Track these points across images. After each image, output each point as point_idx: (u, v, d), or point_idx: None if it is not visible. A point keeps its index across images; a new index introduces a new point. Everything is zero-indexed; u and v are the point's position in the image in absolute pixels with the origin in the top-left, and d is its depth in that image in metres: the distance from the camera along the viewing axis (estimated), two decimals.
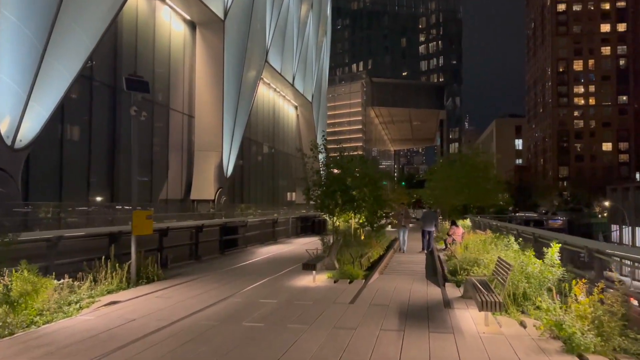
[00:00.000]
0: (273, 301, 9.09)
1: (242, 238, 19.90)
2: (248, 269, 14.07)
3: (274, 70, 37.63)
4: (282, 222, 26.27)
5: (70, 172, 17.70)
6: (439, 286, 11.05)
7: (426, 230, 20.27)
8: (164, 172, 24.93)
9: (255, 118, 36.82)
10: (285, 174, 45.24)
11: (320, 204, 17.34)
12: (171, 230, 14.36)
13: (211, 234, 17.38)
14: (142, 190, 23.00)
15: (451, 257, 16.66)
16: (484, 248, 12.42)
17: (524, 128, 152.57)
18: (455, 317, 7.93)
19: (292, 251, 19.48)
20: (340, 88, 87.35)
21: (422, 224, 20.37)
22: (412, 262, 17.07)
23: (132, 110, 10.89)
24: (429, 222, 20.23)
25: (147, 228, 10.96)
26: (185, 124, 27.00)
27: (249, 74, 31.47)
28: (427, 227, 20.21)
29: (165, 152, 25.06)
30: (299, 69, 44.76)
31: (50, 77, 14.87)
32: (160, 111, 24.52)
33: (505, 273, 7.83)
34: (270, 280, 11.69)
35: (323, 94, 55.96)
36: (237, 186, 33.26)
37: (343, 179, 17.24)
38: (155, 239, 13.66)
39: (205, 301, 9.06)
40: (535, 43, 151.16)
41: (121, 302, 8.89)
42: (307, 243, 23.23)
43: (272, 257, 17.39)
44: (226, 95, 27.90)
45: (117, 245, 11.51)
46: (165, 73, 25.06)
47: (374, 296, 9.69)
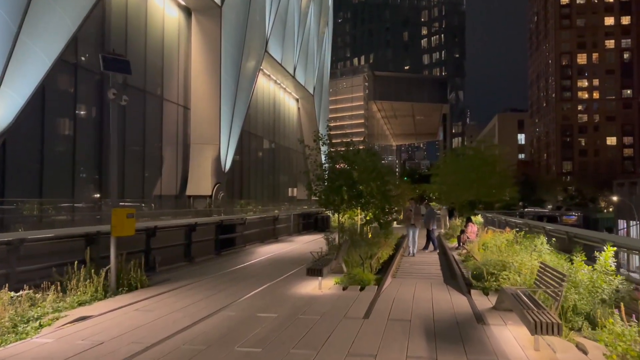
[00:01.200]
0: (273, 315, 7.67)
1: (241, 237, 18.49)
2: (245, 272, 12.65)
3: (274, 60, 36.10)
4: (284, 219, 24.86)
5: (52, 166, 16.26)
6: (463, 293, 9.64)
7: (430, 229, 18.98)
8: (157, 167, 23.48)
9: (254, 111, 35.32)
10: (286, 169, 43.78)
11: (324, 199, 15.88)
12: (161, 229, 12.95)
13: (206, 233, 15.97)
14: (134, 186, 21.58)
15: (468, 258, 15.25)
16: (512, 249, 10.99)
17: (526, 123, 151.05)
18: (494, 337, 6.51)
19: (295, 251, 18.07)
20: (341, 82, 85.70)
21: (426, 222, 19.01)
22: (425, 262, 15.66)
23: (111, 94, 9.46)
24: (432, 219, 18.95)
25: (129, 228, 9.54)
26: (181, 116, 25.53)
27: (248, 64, 29.97)
28: (431, 225, 18.91)
29: (158, 145, 23.60)
30: (300, 60, 43.23)
31: (26, 60, 13.44)
32: (153, 102, 23.05)
33: (557, 284, 6.40)
34: (270, 287, 10.27)
35: (325, 87, 54.42)
36: (236, 181, 31.81)
37: (349, 172, 15.79)
38: (141, 239, 12.26)
39: (192, 315, 7.65)
40: (539, 37, 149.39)
41: (92, 318, 7.48)
42: (310, 241, 21.80)
43: (272, 257, 15.97)
44: (224, 86, 26.42)
45: (96, 248, 10.10)
46: (159, 61, 23.57)
47: (391, 308, 8.27)
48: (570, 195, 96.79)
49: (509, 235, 13.62)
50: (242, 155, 32.49)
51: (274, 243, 21.12)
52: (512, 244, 12.14)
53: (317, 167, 15.94)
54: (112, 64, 9.40)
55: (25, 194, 15.01)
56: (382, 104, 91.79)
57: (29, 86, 13.51)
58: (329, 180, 15.80)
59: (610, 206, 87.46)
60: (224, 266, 13.56)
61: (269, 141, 39.50)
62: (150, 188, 22.95)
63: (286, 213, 26.39)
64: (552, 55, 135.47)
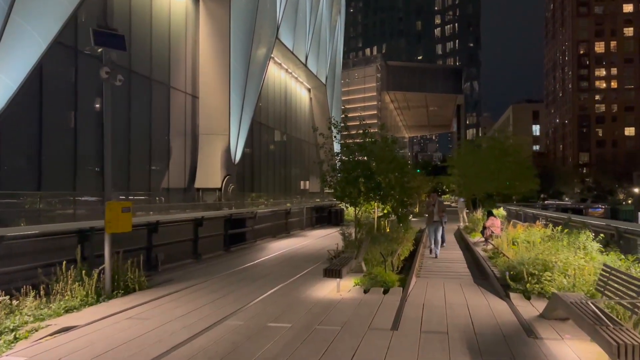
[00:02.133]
0: (286, 326, 6.60)
1: (251, 231, 17.47)
2: (256, 271, 11.60)
3: (285, 48, 34.91)
4: (296, 212, 23.83)
5: (51, 156, 15.32)
6: (500, 297, 8.50)
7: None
8: (164, 158, 22.52)
9: (265, 100, 34.22)
10: (297, 160, 42.68)
11: (340, 191, 14.75)
12: (164, 224, 11.93)
13: (214, 228, 14.96)
14: (140, 179, 20.62)
15: (497, 254, 14.08)
16: (553, 246, 9.79)
17: (541, 113, 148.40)
18: (553, 356, 5.38)
19: (308, 246, 17.02)
20: (354, 72, 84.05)
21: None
22: (449, 259, 14.51)
23: (104, 72, 8.40)
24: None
25: (124, 224, 8.51)
26: (189, 105, 24.51)
27: (258, 51, 28.82)
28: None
29: (166, 135, 22.61)
30: (312, 49, 41.97)
31: (19, 41, 12.46)
32: (159, 90, 22.03)
33: (635, 294, 5.24)
34: (283, 289, 9.20)
35: (337, 76, 53.10)
36: (247, 174, 30.78)
37: (366, 163, 14.64)
38: (142, 235, 11.26)
39: (192, 326, 6.60)
40: (555, 25, 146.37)
41: (77, 328, 6.46)
42: (324, 236, 20.76)
43: (285, 254, 14.92)
44: (233, 74, 25.32)
45: (90, 246, 9.10)
46: (165, 47, 22.53)
47: (422, 316, 7.16)
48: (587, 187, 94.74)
49: (545, 230, 12.42)
50: (252, 147, 31.45)
51: (287, 238, 20.10)
52: (550, 240, 10.94)
53: (332, 157, 14.83)
54: (104, 39, 8.35)
55: (21, 186, 14.08)
56: (395, 94, 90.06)
57: (22, 70, 12.52)
58: (344, 171, 14.67)
59: (629, 198, 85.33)
60: (233, 264, 12.53)
61: (281, 132, 38.41)
62: (157, 181, 22.00)
63: (299, 206, 25.35)
64: (568, 44, 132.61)
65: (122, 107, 19.26)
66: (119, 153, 19.01)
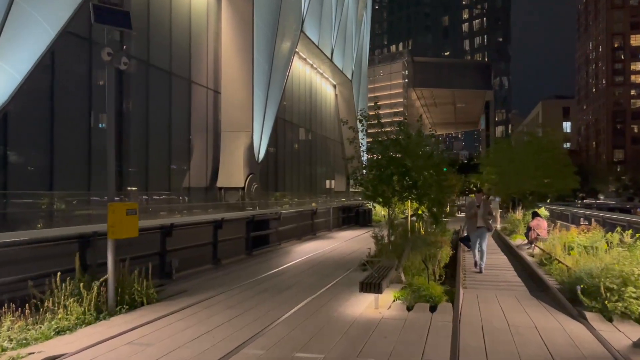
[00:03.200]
0: (318, 357, 5.33)
1: (275, 233, 16.30)
2: (280, 280, 10.37)
3: (310, 42, 33.66)
4: (322, 212, 22.59)
5: (63, 155, 14.40)
6: (573, 317, 7.09)
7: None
8: (185, 156, 21.53)
9: (290, 97, 33.06)
10: (323, 158, 41.44)
11: (372, 190, 13.40)
12: (179, 227, 10.81)
13: (235, 230, 13.82)
14: (159, 178, 19.65)
15: (549, 261, 12.56)
16: (633, 255, 8.28)
17: (572, 110, 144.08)
18: None
19: (337, 250, 15.74)
20: (379, 69, 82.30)
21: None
22: (494, 265, 13.07)
23: (105, 54, 7.28)
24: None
25: (130, 228, 7.39)
26: (210, 100, 23.48)
27: (282, 45, 27.66)
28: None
29: (186, 132, 21.61)
30: (338, 44, 40.64)
31: (25, 29, 11.53)
32: (179, 84, 21.03)
33: None
34: (311, 305, 7.94)
35: (363, 73, 51.64)
36: (271, 172, 29.66)
37: (401, 159, 13.25)
38: (156, 239, 10.16)
39: (203, 356, 5.39)
40: (588, 17, 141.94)
41: (65, 358, 5.32)
42: (352, 238, 19.46)
43: (312, 259, 13.66)
44: (257, 68, 24.20)
45: (92, 253, 8.02)
46: (185, 40, 21.53)
47: (485, 345, 5.80)
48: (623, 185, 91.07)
49: (610, 234, 10.88)
50: (276, 145, 30.32)
51: (313, 240, 18.87)
52: (621, 246, 9.42)
53: (362, 153, 13.53)
54: (106, 16, 7.23)
55: (32, 186, 13.17)
56: (422, 91, 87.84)
57: (28, 60, 11.57)
58: (377, 168, 13.32)
59: None
60: (255, 271, 11.34)
61: (305, 130, 37.19)
62: (177, 180, 21.01)
63: (325, 206, 24.11)
64: (602, 37, 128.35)
65: (141, 102, 18.33)
66: (137, 151, 18.08)
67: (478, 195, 12.49)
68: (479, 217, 11.76)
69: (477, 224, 11.94)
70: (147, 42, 18.70)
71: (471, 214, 12.04)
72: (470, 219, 12.06)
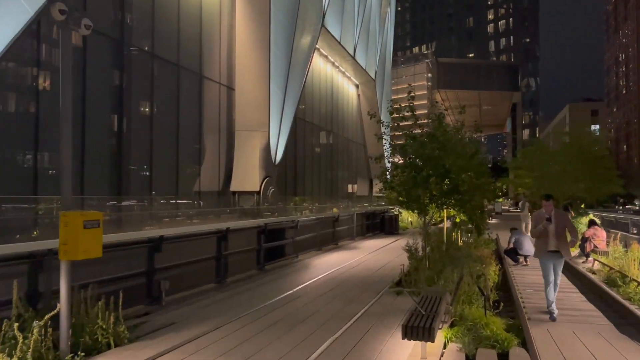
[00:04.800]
0: None
1: (291, 244, 14.32)
2: (294, 307, 8.36)
3: (332, 38, 31.68)
4: (345, 219, 20.54)
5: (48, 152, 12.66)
6: None
7: None
8: (195, 157, 19.69)
9: (310, 96, 31.12)
10: (344, 162, 39.34)
11: (405, 194, 11.31)
12: (171, 241, 8.89)
13: (245, 241, 11.89)
14: (166, 180, 17.86)
15: (627, 282, 10.30)
16: None
17: (601, 113, 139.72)
18: None
19: (363, 264, 13.66)
20: (403, 70, 79.96)
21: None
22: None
23: (56, 12, 5.39)
24: None
25: (91, 246, 5.47)
26: (224, 97, 21.63)
27: (302, 40, 25.75)
28: None
29: (197, 130, 19.78)
30: (361, 41, 38.62)
31: None
32: (189, 79, 19.23)
33: None
34: (335, 349, 5.90)
35: (387, 72, 49.46)
36: (290, 176, 27.68)
37: (440, 158, 11.13)
38: (142, 255, 8.26)
39: None
40: (617, 18, 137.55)
41: None
42: (379, 249, 17.36)
43: (334, 276, 11.61)
44: (274, 63, 22.30)
45: (46, 278, 6.12)
46: (196, 31, 19.75)
47: None
48: None
49: None
50: (295, 146, 28.39)
51: (334, 251, 16.84)
52: None
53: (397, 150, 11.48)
54: None
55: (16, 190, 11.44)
56: (447, 93, 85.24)
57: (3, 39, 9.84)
58: (411, 169, 11.24)
59: None
60: (265, 293, 9.35)
61: (326, 131, 35.19)
62: (186, 183, 19.19)
63: (347, 212, 22.05)
64: (633, 37, 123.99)
65: (144, 97, 16.58)
66: (139, 151, 16.29)
67: (547, 204, 8.13)
68: (550, 237, 7.94)
69: (549, 247, 7.96)
70: (151, 31, 16.96)
71: (537, 231, 8.14)
72: (537, 237, 8.26)
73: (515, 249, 14.21)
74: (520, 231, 15.13)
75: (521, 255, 14.17)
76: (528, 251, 14.08)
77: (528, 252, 14.10)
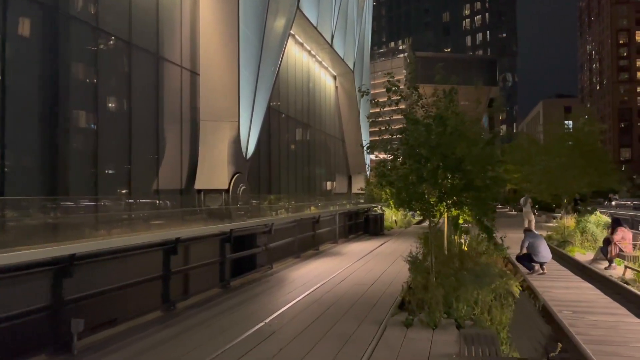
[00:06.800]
0: None
1: (264, 253, 11.83)
2: (265, 352, 5.90)
3: (308, 23, 29.14)
4: (326, 220, 18.15)
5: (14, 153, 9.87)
6: None
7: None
8: (152, 151, 16.97)
9: (285, 86, 28.53)
10: (322, 157, 36.93)
11: (404, 192, 8.91)
12: (91, 259, 6.31)
13: (204, 252, 9.39)
14: (115, 178, 15.12)
15: None
16: None
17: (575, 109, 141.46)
18: None
19: (351, 276, 11.25)
20: (380, 64, 78.00)
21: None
22: (584, 301, 8.70)
23: None
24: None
25: None
26: (186, 83, 18.88)
27: (275, 21, 23.18)
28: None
29: (153, 119, 17.01)
30: (339, 28, 36.23)
31: None
32: (144, 60, 16.44)
33: None
34: None
35: (366, 64, 47.26)
36: (264, 172, 25.11)
37: (450, 146, 8.78)
38: (43, 283, 5.67)
39: None
40: (590, 14, 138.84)
41: None
42: (367, 254, 15.00)
43: (317, 295, 9.15)
44: (244, 44, 19.67)
45: None
46: (151, 4, 17.05)
47: None
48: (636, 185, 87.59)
49: None
50: (270, 140, 25.81)
51: (315, 258, 14.41)
52: None
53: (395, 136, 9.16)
54: None
55: None
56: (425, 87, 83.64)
57: None
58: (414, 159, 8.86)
59: None
60: (225, 328, 6.84)
61: (303, 124, 32.70)
62: (141, 180, 16.42)
63: (329, 212, 19.64)
64: (607, 34, 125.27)
65: (85, 78, 13.81)
66: (80, 142, 13.51)
67: None
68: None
69: None
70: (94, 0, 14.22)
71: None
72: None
73: (529, 255, 12.04)
74: (535, 233, 12.95)
75: (536, 262, 12.02)
76: (545, 257, 11.93)
77: (545, 259, 11.95)
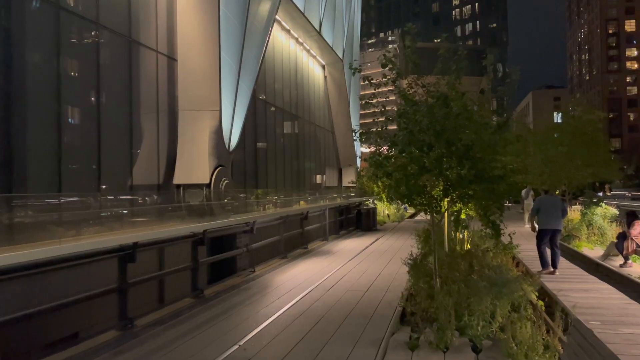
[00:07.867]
0: None
1: (244, 256, 10.57)
2: None
3: (295, 8, 27.75)
4: (315, 216, 16.93)
5: None
6: None
7: (550, 229, 10.60)
8: (125, 142, 15.59)
9: (271, 74, 27.14)
10: (311, 150, 35.63)
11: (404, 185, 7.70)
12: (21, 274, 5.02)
13: (175, 256, 8.12)
14: (84, 173, 13.74)
15: None
16: None
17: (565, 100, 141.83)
18: None
19: (344, 280, 10.02)
20: (369, 55, 76.70)
21: (544, 218, 10.72)
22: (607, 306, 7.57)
23: None
24: (553, 214, 10.52)
25: None
26: (163, 69, 17.47)
27: (260, 5, 21.85)
28: (552, 224, 10.58)
29: (126, 109, 15.61)
30: (327, 16, 34.88)
31: None
32: (115, 44, 15.05)
33: None
34: None
35: (355, 53, 45.89)
36: (250, 165, 23.76)
37: (456, 131, 7.59)
38: None
39: None
40: (579, 4, 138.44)
41: None
42: (359, 253, 13.78)
43: (305, 307, 7.89)
44: (225, 27, 18.30)
45: None
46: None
47: None
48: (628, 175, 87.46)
49: None
50: (255, 131, 24.45)
51: (304, 258, 13.18)
52: None
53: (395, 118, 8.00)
54: None
55: None
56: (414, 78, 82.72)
57: None
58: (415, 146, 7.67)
59: None
60: (190, 354, 5.59)
61: (290, 114, 31.36)
62: (113, 175, 15.06)
63: (318, 207, 18.42)
64: (596, 23, 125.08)
65: (45, 61, 12.39)
66: (41, 136, 12.12)
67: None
68: None
69: None
70: None
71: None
72: None
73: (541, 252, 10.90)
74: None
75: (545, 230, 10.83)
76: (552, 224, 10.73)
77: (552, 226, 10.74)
